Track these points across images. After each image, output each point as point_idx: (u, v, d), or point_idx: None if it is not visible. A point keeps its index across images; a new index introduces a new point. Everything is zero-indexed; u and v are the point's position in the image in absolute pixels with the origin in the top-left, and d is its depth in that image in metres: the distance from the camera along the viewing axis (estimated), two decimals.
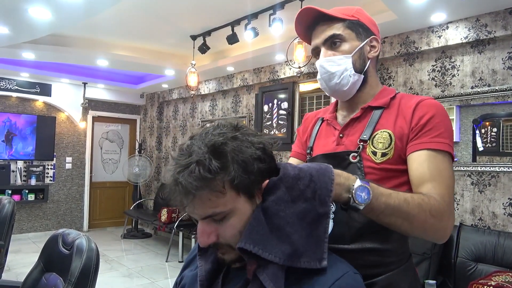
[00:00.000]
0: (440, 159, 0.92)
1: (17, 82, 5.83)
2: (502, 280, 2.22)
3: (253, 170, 0.71)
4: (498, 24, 2.80)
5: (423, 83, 3.30)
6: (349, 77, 1.04)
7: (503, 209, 2.81)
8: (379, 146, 0.99)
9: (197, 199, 0.69)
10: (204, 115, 5.88)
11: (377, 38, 1.09)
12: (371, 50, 1.08)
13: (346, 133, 1.07)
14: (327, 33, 1.05)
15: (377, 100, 1.06)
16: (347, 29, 1.05)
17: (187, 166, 0.68)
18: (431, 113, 0.96)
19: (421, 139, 0.95)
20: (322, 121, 1.19)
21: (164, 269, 4.68)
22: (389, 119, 1.02)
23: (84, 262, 1.41)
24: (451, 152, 0.94)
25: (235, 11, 3.50)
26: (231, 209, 0.71)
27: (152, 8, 3.52)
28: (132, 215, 6.18)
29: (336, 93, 1.09)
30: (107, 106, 6.96)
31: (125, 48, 4.70)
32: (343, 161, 1.02)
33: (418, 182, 0.92)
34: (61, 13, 3.14)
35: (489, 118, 2.96)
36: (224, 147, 0.70)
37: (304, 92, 4.35)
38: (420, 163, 0.93)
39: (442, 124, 0.95)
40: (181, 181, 0.68)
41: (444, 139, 0.94)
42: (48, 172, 6.24)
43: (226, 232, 0.73)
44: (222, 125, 0.75)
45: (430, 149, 0.93)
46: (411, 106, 0.99)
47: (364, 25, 1.07)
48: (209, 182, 0.68)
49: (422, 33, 3.22)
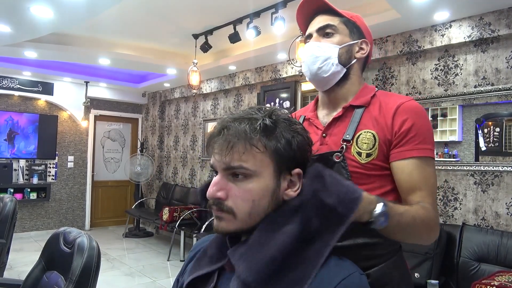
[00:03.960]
0: (425, 166, 0.98)
1: (19, 80, 5.84)
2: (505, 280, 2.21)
3: (292, 148, 0.75)
4: (501, 23, 2.78)
5: (426, 82, 3.28)
6: (332, 65, 1.08)
7: (506, 209, 2.80)
8: (364, 146, 1.01)
9: (234, 147, 0.71)
10: (206, 114, 5.88)
11: (368, 43, 1.13)
12: (359, 50, 1.11)
13: (329, 132, 1.08)
14: (323, 22, 1.10)
15: (358, 99, 1.08)
16: (342, 24, 1.10)
17: (242, 118, 0.74)
18: (412, 119, 0.99)
19: (405, 147, 0.98)
20: (303, 120, 1.19)
21: (165, 268, 4.68)
22: (370, 118, 1.04)
23: (85, 260, 1.40)
24: (433, 156, 1.01)
25: (237, 10, 3.49)
26: (256, 171, 0.72)
27: (154, 7, 3.52)
28: (133, 214, 6.18)
29: (316, 77, 1.11)
30: (109, 105, 6.96)
31: (127, 47, 4.70)
32: (328, 162, 1.03)
33: (408, 191, 0.97)
34: (63, 12, 3.14)
35: (492, 117, 2.94)
36: (278, 119, 0.76)
37: (306, 91, 4.34)
38: (407, 173, 0.97)
39: (424, 129, 1.00)
40: (231, 126, 0.73)
41: (427, 144, 0.99)
42: (50, 171, 6.24)
43: (238, 195, 0.73)
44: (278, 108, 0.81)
45: (415, 157, 0.97)
46: (391, 109, 1.02)
47: (359, 28, 1.12)
48: (253, 137, 0.72)
49: (425, 32, 3.20)
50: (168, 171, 6.69)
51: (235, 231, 0.75)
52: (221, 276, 0.79)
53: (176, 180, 6.45)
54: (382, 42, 3.49)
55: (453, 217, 3.07)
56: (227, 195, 0.73)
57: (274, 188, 0.74)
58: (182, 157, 6.35)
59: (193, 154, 6.11)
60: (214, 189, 0.74)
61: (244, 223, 0.74)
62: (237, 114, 0.76)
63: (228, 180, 0.74)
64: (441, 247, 2.80)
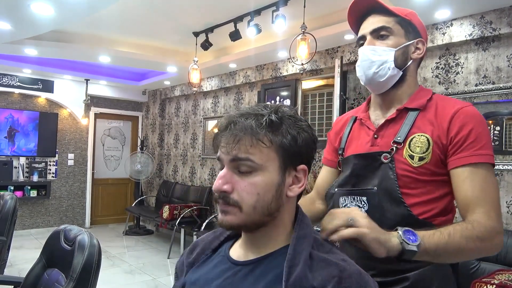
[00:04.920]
0: (483, 174, 0.93)
1: (20, 78, 5.83)
2: (505, 278, 2.21)
3: (298, 144, 0.76)
4: (503, 21, 2.77)
5: (427, 80, 3.28)
6: (388, 69, 1.05)
7: (506, 208, 2.80)
8: (417, 150, 0.99)
9: (241, 141, 0.73)
10: (206, 112, 5.87)
11: (424, 42, 1.10)
12: (415, 51, 1.09)
13: (381, 134, 1.07)
14: (377, 23, 1.06)
15: (413, 101, 1.06)
16: (397, 24, 1.06)
17: (249, 114, 0.75)
18: (471, 124, 0.96)
19: (464, 153, 0.95)
20: (354, 121, 1.18)
21: (165, 266, 4.68)
22: (426, 122, 1.01)
23: (86, 258, 1.40)
24: (493, 163, 0.96)
25: (238, 7, 3.48)
26: (262, 165, 0.73)
27: (154, 5, 3.51)
28: (134, 212, 6.19)
29: (372, 82, 1.09)
30: (109, 103, 6.96)
31: (127, 45, 4.69)
32: (375, 161, 1.03)
33: (463, 203, 0.93)
34: (63, 9, 3.13)
35: (492, 116, 2.94)
36: (285, 115, 0.77)
37: (307, 89, 4.33)
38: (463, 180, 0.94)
39: (483, 135, 0.96)
40: (237, 121, 0.74)
41: (486, 150, 0.95)
42: (50, 168, 6.25)
43: (244, 188, 0.73)
44: (284, 105, 0.81)
45: (472, 164, 0.93)
46: (449, 113, 0.99)
47: (414, 27, 1.08)
48: (259, 132, 0.73)
49: (426, 30, 3.19)
50: (168, 169, 6.69)
51: (239, 225, 0.75)
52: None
53: (176, 178, 6.45)
54: None
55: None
56: (233, 188, 0.74)
57: (279, 182, 0.75)
58: (182, 155, 6.35)
59: (193, 152, 6.11)
60: (220, 182, 0.74)
61: (248, 216, 0.74)
62: (244, 110, 0.77)
63: (234, 174, 0.75)
64: None
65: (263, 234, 0.78)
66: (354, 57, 3.69)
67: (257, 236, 0.78)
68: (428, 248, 0.84)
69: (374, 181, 1.03)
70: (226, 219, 0.76)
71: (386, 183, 1.01)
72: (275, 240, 0.78)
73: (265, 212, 0.75)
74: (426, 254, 0.85)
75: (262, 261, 0.77)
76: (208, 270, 0.82)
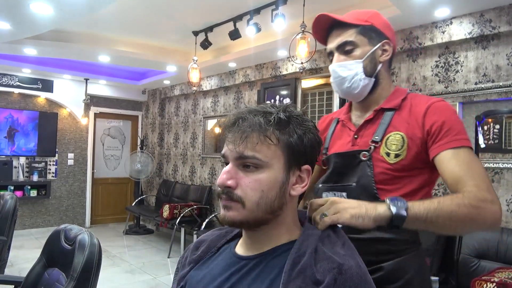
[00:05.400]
0: (466, 154, 0.98)
1: (19, 78, 5.83)
2: (505, 276, 2.21)
3: (304, 144, 0.77)
4: (502, 20, 2.77)
5: (427, 79, 3.28)
6: (359, 81, 1.10)
7: (506, 206, 2.80)
8: (393, 147, 1.05)
9: (248, 137, 0.74)
10: (206, 111, 5.87)
11: (390, 42, 1.13)
12: (383, 54, 1.13)
13: (361, 134, 1.14)
14: (340, 39, 1.11)
15: (389, 102, 1.12)
16: (359, 35, 1.10)
17: (257, 111, 0.76)
18: (444, 116, 1.02)
19: (442, 141, 1.00)
20: (337, 122, 1.25)
21: (166, 265, 4.69)
22: (401, 120, 1.08)
23: (87, 257, 1.40)
24: (471, 146, 1.01)
25: (237, 6, 3.48)
26: (268, 163, 0.74)
27: (154, 4, 3.51)
28: (134, 211, 6.19)
29: (348, 95, 1.16)
30: (109, 102, 6.95)
31: (127, 44, 4.69)
32: (355, 160, 1.09)
33: (453, 181, 0.96)
34: (63, 9, 3.13)
35: (492, 115, 2.94)
36: (292, 114, 0.78)
37: (307, 88, 4.33)
38: (448, 161, 0.98)
39: (456, 123, 1.02)
40: (246, 117, 0.75)
41: (462, 135, 1.01)
42: (50, 168, 6.25)
43: (248, 184, 0.74)
44: (292, 105, 0.84)
45: (453, 148, 0.98)
46: (422, 109, 1.05)
47: (377, 30, 1.12)
48: (267, 129, 0.74)
49: (426, 28, 3.20)
50: (168, 168, 6.70)
51: (241, 221, 0.76)
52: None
53: (176, 177, 6.45)
54: None
55: None
56: (237, 184, 0.75)
57: (283, 181, 0.76)
58: (182, 154, 6.35)
59: (193, 151, 6.11)
60: (225, 178, 0.75)
61: (251, 212, 0.74)
62: (252, 107, 0.79)
63: (239, 170, 0.75)
64: (441, 244, 2.80)
65: (265, 232, 0.78)
66: None
67: (258, 234, 0.78)
68: (418, 212, 0.86)
69: (353, 178, 1.10)
70: (228, 214, 0.76)
71: (364, 180, 1.07)
72: (277, 238, 0.78)
73: (268, 210, 0.75)
74: (417, 220, 0.86)
75: (266, 255, 0.77)
76: (213, 266, 0.83)
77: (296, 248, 0.73)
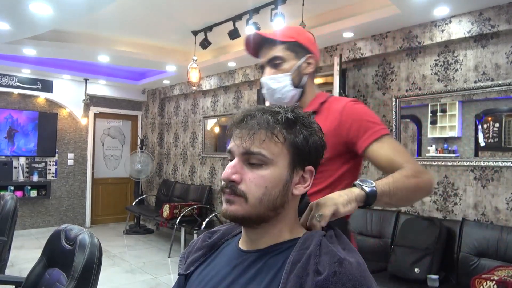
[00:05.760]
0: (389, 140, 1.15)
1: (19, 78, 5.83)
2: (505, 274, 2.22)
3: (309, 145, 0.79)
4: (501, 18, 2.77)
5: (426, 77, 3.28)
6: (288, 92, 1.24)
7: (506, 204, 2.80)
8: None
9: (256, 134, 0.75)
10: (206, 111, 5.88)
11: (313, 56, 1.27)
12: (307, 67, 1.26)
13: None
14: (270, 54, 1.25)
15: (310, 106, 1.26)
16: (287, 50, 1.24)
17: (265, 110, 0.79)
18: (359, 114, 1.17)
19: (366, 135, 1.14)
20: None
21: (166, 265, 4.69)
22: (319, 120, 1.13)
23: (87, 257, 1.41)
24: (389, 132, 1.18)
25: (237, 6, 3.48)
26: (273, 160, 0.76)
27: (153, 4, 3.51)
28: (134, 211, 6.20)
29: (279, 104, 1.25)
30: (109, 102, 6.96)
31: (126, 44, 4.69)
32: None
33: (387, 163, 1.12)
34: (62, 9, 3.13)
35: (491, 113, 2.94)
36: (299, 115, 0.80)
37: None
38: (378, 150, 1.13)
39: (371, 117, 1.17)
40: (255, 114, 0.77)
41: (379, 126, 1.16)
42: (50, 168, 6.25)
43: (252, 180, 0.75)
44: (299, 106, 0.87)
45: (377, 138, 1.13)
46: (338, 109, 1.19)
47: (302, 45, 1.25)
48: (275, 127, 0.76)
49: (425, 27, 3.20)
50: (168, 168, 6.70)
51: (243, 216, 0.76)
52: None
53: (176, 177, 6.45)
54: (382, 38, 3.48)
55: (453, 212, 3.08)
56: (241, 179, 0.76)
57: (287, 179, 0.77)
58: (182, 154, 6.35)
59: (193, 151, 6.11)
60: (230, 172, 0.76)
61: (253, 208, 0.75)
62: (260, 106, 0.81)
63: (244, 165, 0.77)
64: (441, 242, 2.80)
65: (266, 230, 0.79)
66: (353, 55, 3.69)
67: (258, 231, 0.79)
68: (383, 188, 0.98)
69: None
70: (230, 208, 0.77)
71: None
72: (279, 236, 0.79)
73: (270, 207, 0.76)
74: (384, 195, 0.97)
75: (270, 250, 0.78)
76: (218, 261, 0.85)
77: (301, 242, 0.75)
